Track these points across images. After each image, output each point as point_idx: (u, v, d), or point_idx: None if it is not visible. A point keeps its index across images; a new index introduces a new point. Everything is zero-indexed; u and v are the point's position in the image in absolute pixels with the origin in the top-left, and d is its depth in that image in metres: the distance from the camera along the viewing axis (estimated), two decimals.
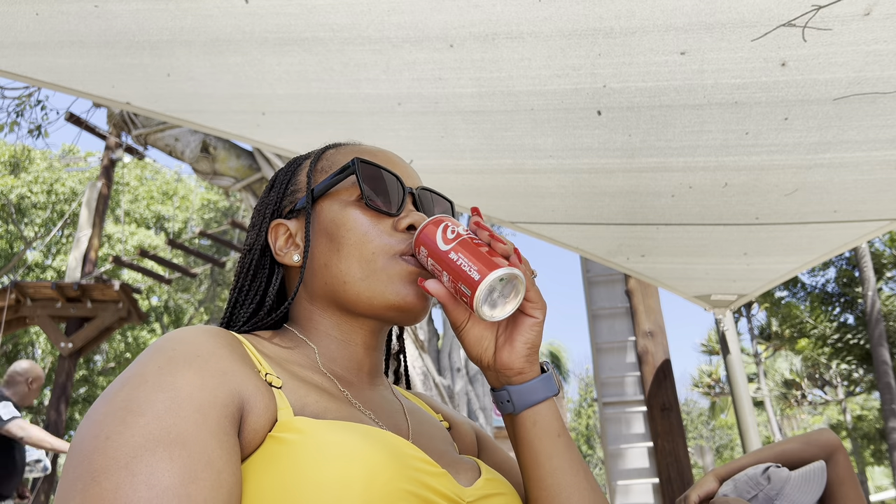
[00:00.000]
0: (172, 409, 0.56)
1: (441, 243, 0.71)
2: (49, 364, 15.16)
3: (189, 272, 9.99)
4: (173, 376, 0.58)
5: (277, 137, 2.76)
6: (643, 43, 1.97)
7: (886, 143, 2.43)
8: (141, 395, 0.56)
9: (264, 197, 0.85)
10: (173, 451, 0.53)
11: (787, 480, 1.35)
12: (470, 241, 0.71)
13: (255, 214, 0.84)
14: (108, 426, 0.54)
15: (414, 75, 2.19)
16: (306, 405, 0.66)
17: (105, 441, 0.53)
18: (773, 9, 1.81)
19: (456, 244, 0.71)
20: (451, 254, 0.70)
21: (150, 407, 0.55)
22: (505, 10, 1.87)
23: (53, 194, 13.78)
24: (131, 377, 0.58)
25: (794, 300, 13.94)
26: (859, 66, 2.02)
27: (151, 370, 0.59)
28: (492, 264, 0.68)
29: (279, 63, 2.19)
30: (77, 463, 0.52)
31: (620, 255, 3.76)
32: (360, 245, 0.75)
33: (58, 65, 2.32)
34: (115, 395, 0.57)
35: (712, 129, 2.42)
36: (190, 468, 0.53)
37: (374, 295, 0.74)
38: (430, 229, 0.73)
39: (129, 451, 0.52)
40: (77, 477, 0.51)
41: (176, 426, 0.55)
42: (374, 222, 0.77)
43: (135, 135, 7.03)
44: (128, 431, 0.53)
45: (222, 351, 0.64)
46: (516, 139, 2.55)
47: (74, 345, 7.71)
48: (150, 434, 0.53)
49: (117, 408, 0.55)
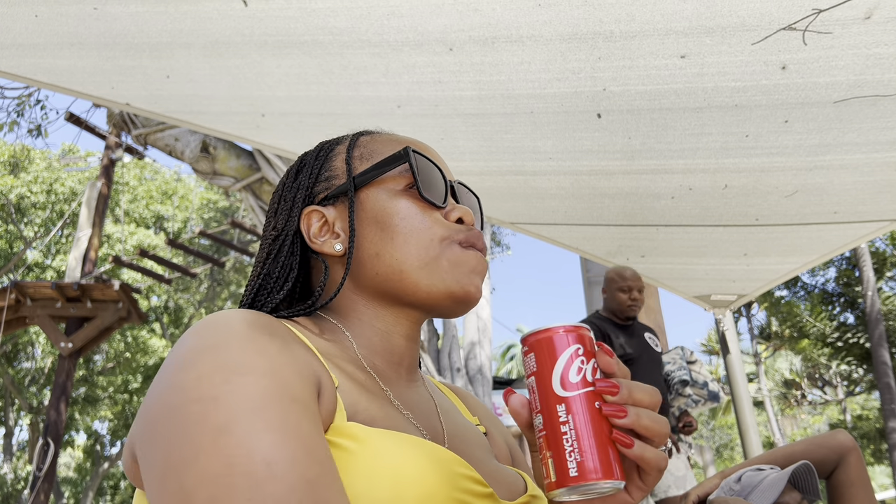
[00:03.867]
0: (276, 368, 0.52)
1: (557, 381, 0.54)
2: (49, 364, 15.16)
3: (189, 272, 9.99)
4: (261, 341, 0.55)
5: (277, 139, 2.76)
6: (643, 46, 1.97)
7: (886, 144, 2.43)
8: (236, 357, 0.52)
9: (290, 181, 0.81)
10: (289, 404, 0.50)
11: (757, 485, 1.35)
12: (595, 407, 0.53)
13: (281, 199, 0.80)
14: (211, 388, 0.49)
15: (413, 78, 2.19)
16: (358, 410, 0.63)
17: (214, 401, 0.49)
18: (773, 12, 1.81)
19: (575, 398, 0.54)
20: (561, 410, 0.53)
21: (252, 366, 0.51)
22: (505, 14, 1.87)
23: (53, 194, 13.78)
24: (210, 345, 0.53)
25: (794, 300, 13.95)
26: (860, 70, 2.02)
27: (233, 337, 0.54)
28: (602, 466, 0.52)
29: (279, 65, 2.19)
30: (183, 429, 0.48)
31: (620, 256, 3.76)
32: (417, 233, 0.73)
33: (57, 66, 2.32)
34: (198, 361, 0.52)
35: (712, 132, 2.42)
36: (308, 418, 0.51)
37: (434, 283, 0.71)
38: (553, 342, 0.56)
39: (249, 402, 0.49)
40: (189, 441, 0.47)
41: (284, 384, 0.52)
42: (427, 212, 0.74)
43: (134, 135, 7.03)
44: (238, 389, 0.49)
45: (284, 330, 0.62)
46: (516, 141, 2.55)
47: (74, 345, 7.72)
48: (262, 389, 0.50)
49: (212, 371, 0.51)
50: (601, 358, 0.57)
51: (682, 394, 3.07)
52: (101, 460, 17.43)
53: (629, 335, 3.23)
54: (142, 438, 0.52)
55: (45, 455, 7.13)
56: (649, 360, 3.16)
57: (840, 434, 1.47)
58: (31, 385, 15.59)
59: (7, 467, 16.44)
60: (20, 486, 16.36)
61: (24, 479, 16.54)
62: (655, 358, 3.21)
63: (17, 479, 16.70)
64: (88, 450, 18.04)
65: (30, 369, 15.56)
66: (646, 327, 3.46)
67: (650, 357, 3.19)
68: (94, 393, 15.42)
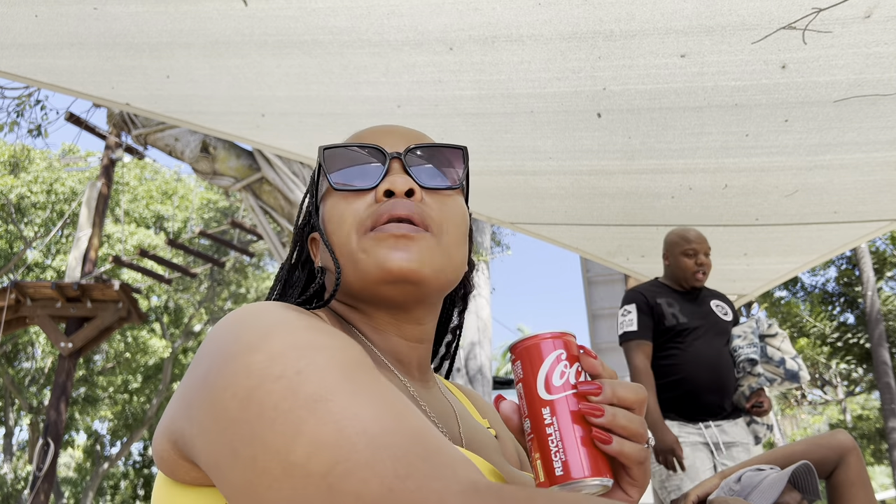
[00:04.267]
0: (346, 347, 0.52)
1: (542, 385, 0.56)
2: (49, 364, 15.16)
3: (189, 272, 9.99)
4: (315, 323, 0.55)
5: (277, 139, 2.76)
6: (643, 46, 1.97)
7: (886, 144, 2.43)
8: (303, 335, 0.51)
9: (302, 202, 0.83)
10: (375, 372, 0.51)
11: (757, 485, 1.35)
12: (578, 408, 0.55)
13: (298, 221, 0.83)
14: (288, 365, 0.48)
15: (414, 78, 2.19)
16: None
17: (298, 375, 0.47)
18: (773, 11, 1.81)
19: (559, 401, 0.55)
20: (546, 413, 0.55)
21: (324, 343, 0.51)
22: (505, 14, 1.87)
23: (53, 194, 13.78)
24: (269, 328, 0.52)
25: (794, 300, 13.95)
26: (860, 69, 2.02)
27: (290, 320, 0.54)
28: (589, 464, 0.54)
29: (279, 65, 2.19)
30: (274, 405, 0.46)
31: (620, 256, 3.76)
32: (337, 234, 0.70)
33: (57, 66, 2.32)
34: (262, 344, 0.50)
35: (712, 131, 2.42)
36: (387, 384, 0.50)
37: (362, 276, 0.68)
38: (538, 349, 0.58)
39: (337, 371, 0.48)
40: (289, 410, 0.45)
41: (357, 358, 0.51)
42: (350, 204, 0.70)
43: (135, 135, 7.03)
44: (320, 361, 0.49)
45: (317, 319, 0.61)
46: (516, 141, 2.55)
47: (74, 345, 7.71)
48: (345, 360, 0.50)
49: (283, 350, 0.49)
50: (585, 361, 0.58)
51: (751, 372, 2.76)
52: (101, 460, 17.43)
53: (689, 303, 2.87)
54: (206, 424, 0.49)
55: (45, 455, 7.13)
56: (713, 330, 2.82)
57: (840, 434, 1.47)
58: (31, 385, 15.59)
59: (7, 467, 16.44)
60: (20, 486, 16.36)
61: (24, 479, 16.54)
62: (722, 329, 2.85)
63: (17, 479, 16.70)
64: (88, 450, 18.04)
65: (30, 369, 15.55)
66: (716, 294, 3.04)
67: (715, 328, 2.83)
68: (94, 393, 15.42)
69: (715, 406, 2.74)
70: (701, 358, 2.75)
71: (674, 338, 2.79)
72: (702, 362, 2.74)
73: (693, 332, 2.78)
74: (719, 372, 2.76)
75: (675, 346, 2.79)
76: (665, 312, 2.81)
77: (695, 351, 2.76)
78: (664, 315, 2.80)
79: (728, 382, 2.76)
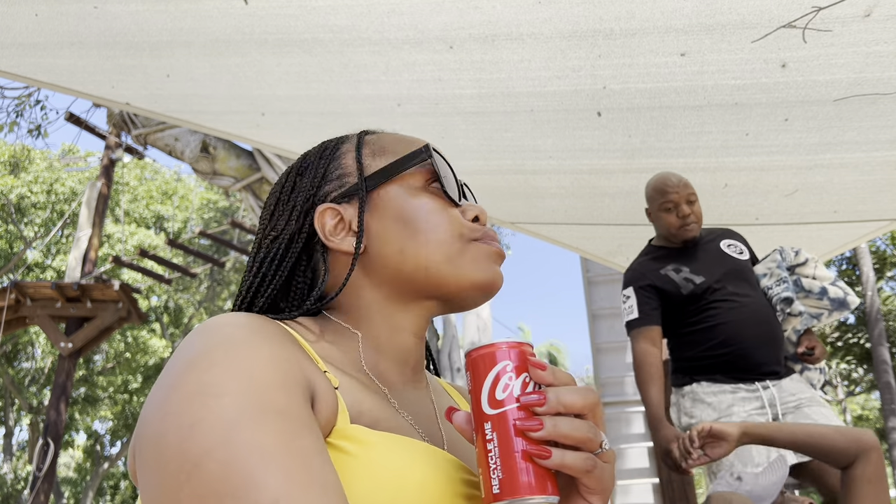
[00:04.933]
0: (255, 386, 0.52)
1: (485, 399, 0.54)
2: (49, 364, 15.16)
3: (189, 272, 9.99)
4: (244, 355, 0.55)
5: (277, 138, 2.76)
6: (643, 44, 1.97)
7: (886, 143, 2.43)
8: (215, 377, 0.52)
9: (294, 181, 0.79)
10: (267, 417, 0.51)
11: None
12: (519, 420, 0.53)
13: (279, 202, 0.79)
14: (188, 414, 0.50)
15: (414, 76, 2.19)
16: (362, 412, 0.63)
17: (191, 429, 0.49)
18: (773, 10, 1.81)
19: (500, 415, 0.53)
20: (487, 428, 0.54)
21: (229, 387, 0.52)
22: (505, 12, 1.87)
23: (53, 194, 13.79)
24: (195, 360, 0.54)
25: None
26: (860, 68, 2.02)
27: (217, 351, 0.54)
28: (528, 482, 0.52)
29: (279, 64, 2.19)
30: (166, 459, 0.49)
31: (620, 255, 3.76)
32: (440, 230, 0.73)
33: (57, 65, 2.32)
34: (183, 381, 0.53)
35: (712, 130, 2.42)
36: (290, 429, 0.51)
37: (460, 277, 0.72)
38: (485, 360, 0.56)
39: (222, 429, 0.49)
40: (173, 471, 0.48)
41: (263, 399, 0.51)
42: (446, 209, 0.75)
43: (135, 135, 7.03)
44: (213, 414, 0.50)
45: (281, 335, 0.61)
46: (516, 140, 2.55)
47: (74, 345, 7.71)
48: (239, 409, 0.50)
49: (192, 393, 0.51)
50: (534, 372, 0.56)
51: (790, 313, 2.33)
52: (101, 460, 17.43)
53: (698, 255, 2.42)
54: (137, 458, 0.53)
55: (45, 455, 7.12)
56: (736, 278, 2.36)
57: (868, 432, 1.49)
58: (31, 385, 15.59)
59: (7, 467, 16.44)
60: (20, 486, 16.36)
61: (24, 479, 16.53)
62: (744, 274, 2.39)
63: (17, 479, 16.70)
64: (88, 450, 18.04)
65: (30, 369, 15.55)
66: (723, 233, 2.54)
67: (737, 274, 2.37)
68: (94, 393, 15.42)
69: (771, 361, 2.31)
70: (737, 311, 2.31)
71: (698, 301, 2.36)
72: (742, 316, 2.30)
73: (718, 287, 2.35)
74: (764, 320, 2.32)
75: (704, 309, 2.35)
76: (675, 281, 2.39)
77: (728, 306, 2.33)
78: (675, 284, 2.38)
79: (778, 331, 2.33)
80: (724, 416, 2.22)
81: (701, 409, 2.26)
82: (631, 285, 2.48)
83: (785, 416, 2.22)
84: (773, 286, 2.37)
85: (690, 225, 2.39)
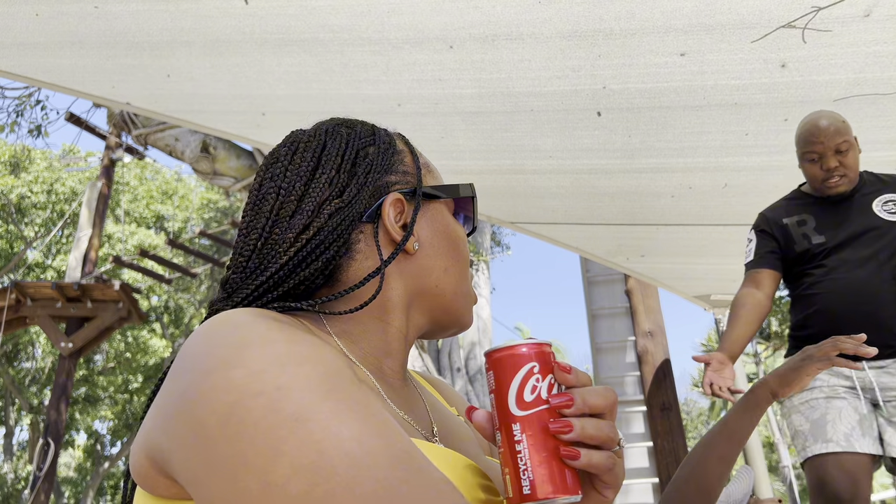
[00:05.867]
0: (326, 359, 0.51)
1: (513, 400, 0.56)
2: (49, 364, 15.17)
3: (189, 272, 9.99)
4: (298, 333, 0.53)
5: (277, 138, 2.75)
6: (643, 44, 1.98)
7: (886, 143, 2.43)
8: (281, 349, 0.50)
9: (356, 153, 0.73)
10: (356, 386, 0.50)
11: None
12: (547, 425, 0.54)
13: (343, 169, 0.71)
14: (268, 381, 0.47)
15: (414, 76, 2.19)
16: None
17: (278, 391, 0.46)
18: (772, 10, 1.81)
19: (530, 417, 0.55)
20: (516, 429, 0.55)
21: (303, 357, 0.50)
22: (505, 12, 1.87)
23: (53, 194, 13.79)
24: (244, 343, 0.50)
25: None
26: (859, 68, 2.02)
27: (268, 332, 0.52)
28: (556, 483, 0.54)
29: (279, 64, 2.19)
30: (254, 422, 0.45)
31: (620, 255, 3.76)
32: (467, 264, 0.79)
33: (58, 65, 2.32)
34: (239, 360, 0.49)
35: (712, 130, 2.42)
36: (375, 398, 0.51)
37: (463, 312, 0.78)
38: (511, 360, 0.57)
39: (317, 388, 0.47)
40: (269, 428, 0.45)
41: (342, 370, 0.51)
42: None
43: (135, 135, 7.04)
44: (300, 377, 0.47)
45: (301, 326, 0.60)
46: (516, 140, 2.56)
47: (74, 345, 7.71)
48: (325, 374, 0.49)
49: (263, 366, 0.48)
50: (558, 375, 0.57)
51: None
52: (102, 460, 17.43)
53: (836, 212, 2.13)
54: (186, 441, 0.49)
55: (45, 455, 7.12)
56: (866, 244, 2.07)
57: None
58: (32, 385, 15.59)
59: (7, 467, 16.44)
60: (20, 486, 16.36)
61: (24, 479, 16.54)
62: (879, 240, 2.07)
63: (18, 479, 16.70)
64: (89, 450, 18.04)
65: (30, 369, 15.56)
66: (886, 186, 2.17)
67: (869, 240, 2.07)
68: (95, 393, 15.42)
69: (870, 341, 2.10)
70: (841, 283, 2.06)
71: (807, 263, 2.13)
72: (844, 289, 2.05)
73: (835, 252, 2.09)
74: (870, 298, 2.03)
75: (810, 272, 2.13)
76: (792, 235, 2.16)
77: (834, 276, 2.08)
78: (791, 238, 2.16)
79: (887, 310, 2.03)
80: (805, 388, 2.00)
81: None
82: (755, 228, 2.27)
83: (882, 406, 1.98)
84: None
85: (835, 178, 2.08)
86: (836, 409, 1.98)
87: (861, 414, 1.97)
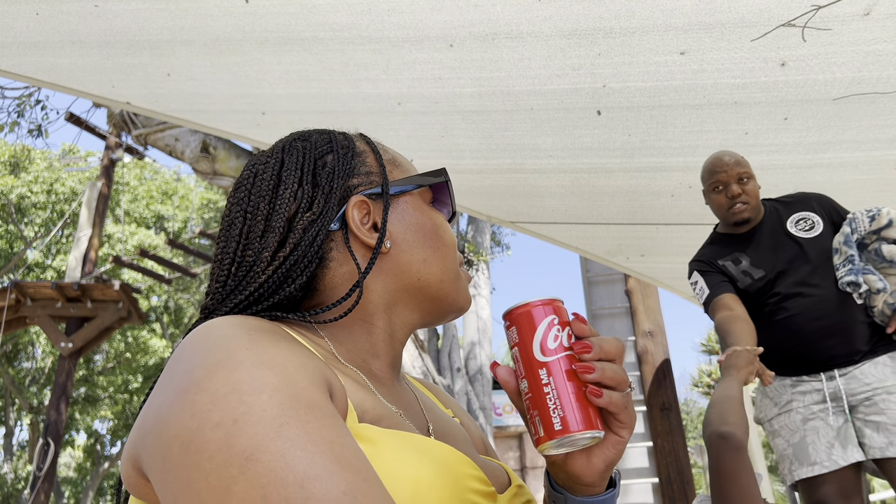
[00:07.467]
0: (288, 382, 0.51)
1: (538, 348, 0.62)
2: (49, 364, 15.17)
3: (189, 272, 9.99)
4: (269, 353, 0.53)
5: (277, 137, 2.76)
6: (643, 43, 1.98)
7: (886, 142, 2.43)
8: (245, 375, 0.50)
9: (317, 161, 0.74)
10: (313, 413, 0.50)
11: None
12: (571, 368, 0.61)
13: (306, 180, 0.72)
14: (227, 411, 0.48)
15: (414, 75, 2.19)
16: (366, 410, 0.62)
17: (235, 424, 0.47)
18: (772, 9, 1.81)
19: (554, 362, 0.61)
20: (543, 374, 0.61)
21: (264, 383, 0.50)
22: (505, 10, 1.87)
23: (53, 194, 13.80)
24: (216, 362, 0.51)
25: None
26: (859, 66, 2.02)
27: (240, 352, 0.52)
28: (582, 419, 0.60)
29: (279, 63, 2.19)
30: (208, 454, 0.47)
31: (620, 255, 3.76)
32: (450, 249, 0.78)
33: (58, 65, 2.32)
34: (207, 383, 0.50)
35: (712, 129, 2.42)
36: (329, 423, 0.50)
37: (456, 295, 0.78)
38: (531, 315, 0.63)
39: (270, 422, 0.48)
40: (219, 466, 0.46)
41: (299, 394, 0.50)
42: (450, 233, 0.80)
43: (135, 135, 7.04)
44: (256, 409, 0.48)
45: (284, 335, 0.60)
46: (516, 139, 2.56)
47: (74, 345, 7.72)
48: (280, 404, 0.49)
49: (224, 392, 0.49)
50: (576, 326, 0.64)
51: (872, 292, 2.04)
52: (102, 460, 17.43)
53: (760, 242, 2.20)
54: (156, 460, 0.50)
55: (45, 455, 7.13)
56: (801, 265, 2.13)
57: None
58: (32, 385, 15.60)
59: (7, 467, 16.44)
60: (20, 486, 16.36)
61: (24, 479, 16.54)
62: (810, 256, 2.12)
63: (18, 479, 16.70)
64: (88, 450, 18.05)
65: (30, 369, 15.56)
66: (793, 205, 2.27)
67: (802, 260, 2.13)
68: (95, 393, 15.42)
69: (839, 353, 2.08)
70: (804, 303, 2.09)
71: (758, 298, 2.17)
72: (804, 309, 2.09)
73: (781, 279, 2.13)
74: (830, 311, 2.07)
75: (764, 303, 2.16)
76: (733, 273, 2.20)
77: (789, 303, 2.11)
78: (733, 276, 2.20)
79: (848, 318, 2.06)
80: (783, 412, 2.13)
81: (765, 403, 2.21)
82: (696, 270, 2.28)
83: (855, 410, 2.03)
84: (839, 267, 2.10)
85: (738, 205, 2.16)
86: (813, 430, 2.05)
87: (836, 427, 2.04)
